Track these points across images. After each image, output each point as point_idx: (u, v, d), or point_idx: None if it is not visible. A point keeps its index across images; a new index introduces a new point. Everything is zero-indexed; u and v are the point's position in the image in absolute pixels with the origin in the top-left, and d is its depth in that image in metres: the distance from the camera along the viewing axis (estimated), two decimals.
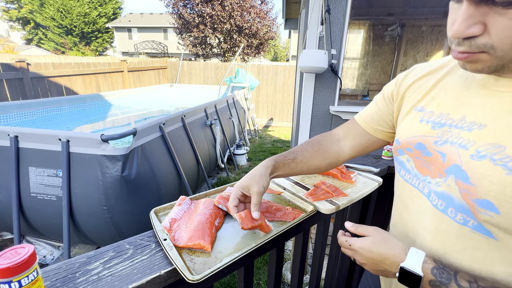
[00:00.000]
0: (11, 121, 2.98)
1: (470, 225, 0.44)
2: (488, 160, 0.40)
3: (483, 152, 0.41)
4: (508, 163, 0.38)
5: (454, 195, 0.45)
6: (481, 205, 0.41)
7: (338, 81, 2.24)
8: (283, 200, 0.80)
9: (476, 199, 0.41)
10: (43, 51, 20.14)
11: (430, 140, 0.49)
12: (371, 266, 0.51)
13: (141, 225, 1.94)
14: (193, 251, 0.55)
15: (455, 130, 0.46)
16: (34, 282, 0.37)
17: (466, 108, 0.46)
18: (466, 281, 0.41)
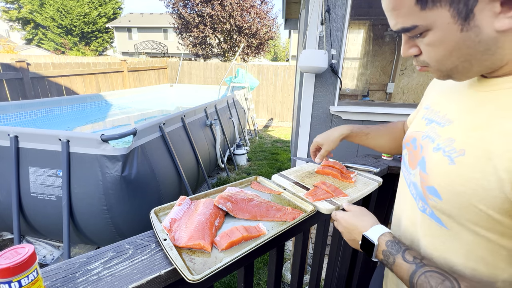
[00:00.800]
0: (11, 121, 2.98)
1: (428, 212, 0.49)
2: (441, 152, 0.45)
3: (440, 145, 0.46)
4: (452, 154, 0.42)
5: (418, 183, 0.51)
6: (429, 191, 0.46)
7: (338, 81, 2.24)
8: (283, 200, 0.80)
9: (426, 186, 0.47)
10: (43, 51, 20.14)
11: (420, 135, 0.54)
12: (346, 235, 0.61)
13: (141, 225, 1.94)
14: (193, 251, 0.55)
15: (436, 125, 0.50)
16: (34, 282, 0.37)
17: (450, 106, 0.50)
18: (412, 256, 0.46)
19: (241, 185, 0.89)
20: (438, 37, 0.39)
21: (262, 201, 0.75)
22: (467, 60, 0.39)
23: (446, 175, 0.43)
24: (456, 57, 0.39)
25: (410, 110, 2.38)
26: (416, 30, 0.40)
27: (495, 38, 0.36)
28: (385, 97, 3.66)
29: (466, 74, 0.42)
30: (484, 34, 0.36)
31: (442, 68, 0.42)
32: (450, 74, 0.43)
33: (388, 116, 2.28)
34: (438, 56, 0.41)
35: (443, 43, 0.39)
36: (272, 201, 0.77)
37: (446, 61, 0.41)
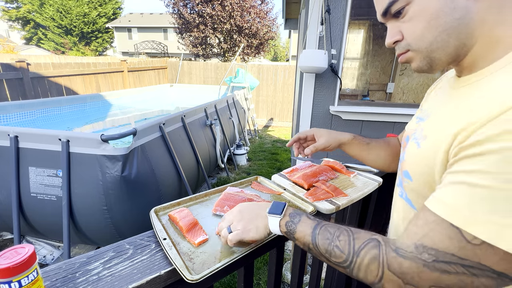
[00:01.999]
0: (11, 121, 2.98)
1: (404, 197, 0.54)
2: (415, 140, 0.51)
3: (416, 135, 0.51)
4: (420, 140, 0.48)
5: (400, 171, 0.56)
6: (404, 175, 0.52)
7: (338, 81, 2.24)
8: (283, 200, 0.80)
9: (403, 171, 0.53)
10: (43, 51, 20.14)
11: (411, 132, 0.57)
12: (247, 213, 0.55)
13: (141, 225, 1.94)
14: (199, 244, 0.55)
15: (421, 122, 0.54)
16: (34, 282, 0.37)
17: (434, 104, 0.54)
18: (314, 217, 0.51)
19: (242, 185, 0.89)
20: (418, 7, 0.42)
21: (262, 201, 0.75)
22: (445, 30, 0.41)
23: (414, 157, 0.49)
24: (435, 27, 0.42)
25: (410, 110, 2.38)
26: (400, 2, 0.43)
27: (467, 7, 0.39)
28: (385, 97, 3.66)
29: (444, 52, 0.43)
30: (457, 1, 0.39)
31: (422, 46, 0.44)
32: (430, 54, 0.44)
33: (388, 116, 2.28)
34: (419, 29, 0.43)
35: (423, 12, 0.42)
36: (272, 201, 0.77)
37: (427, 34, 0.43)
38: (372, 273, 0.39)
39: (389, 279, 0.38)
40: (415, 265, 0.36)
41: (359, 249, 0.41)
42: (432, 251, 0.35)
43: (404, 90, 3.41)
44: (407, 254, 0.37)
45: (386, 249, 0.39)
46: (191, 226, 0.61)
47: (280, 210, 0.53)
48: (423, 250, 0.36)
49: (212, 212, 0.70)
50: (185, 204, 0.73)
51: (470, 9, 0.39)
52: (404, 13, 0.44)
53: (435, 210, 0.37)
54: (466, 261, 0.33)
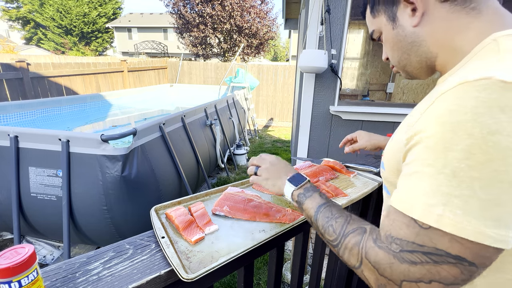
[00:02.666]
0: (11, 121, 2.98)
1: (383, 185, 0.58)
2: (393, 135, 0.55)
3: None
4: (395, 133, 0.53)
5: None
6: (382, 166, 0.57)
7: (338, 81, 2.24)
8: (283, 201, 0.80)
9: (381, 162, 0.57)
10: (43, 51, 20.14)
11: None
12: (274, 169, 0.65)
13: (141, 225, 1.94)
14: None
15: None
16: (34, 282, 0.37)
17: None
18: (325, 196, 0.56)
19: (243, 185, 0.89)
20: (385, 37, 0.54)
21: (262, 202, 0.75)
22: (405, 52, 0.51)
23: (387, 148, 0.54)
24: (397, 50, 0.53)
25: (410, 110, 2.39)
26: (375, 33, 0.56)
27: (415, 32, 0.48)
28: (385, 97, 3.66)
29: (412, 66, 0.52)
30: (407, 30, 0.49)
31: (395, 63, 0.55)
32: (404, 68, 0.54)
33: (388, 116, 2.28)
34: (389, 51, 0.55)
35: (388, 40, 0.54)
36: (273, 202, 0.77)
37: (394, 54, 0.54)
38: (353, 257, 0.43)
39: (367, 267, 0.40)
40: (387, 256, 0.37)
41: (348, 232, 0.45)
42: (397, 241, 0.37)
43: (404, 90, 3.41)
44: (382, 245, 0.39)
45: (367, 237, 0.42)
46: (187, 224, 0.61)
47: (298, 183, 0.59)
48: (391, 241, 0.38)
49: (212, 211, 0.70)
50: (186, 203, 0.73)
51: (418, 33, 0.48)
52: (381, 40, 0.56)
53: (392, 203, 0.40)
54: (425, 247, 0.35)
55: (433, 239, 0.34)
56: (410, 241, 0.36)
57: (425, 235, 0.35)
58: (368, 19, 0.57)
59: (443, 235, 0.33)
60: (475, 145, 0.31)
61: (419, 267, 0.35)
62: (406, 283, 0.36)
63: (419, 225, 0.35)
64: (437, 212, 0.33)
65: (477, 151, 0.31)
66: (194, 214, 0.65)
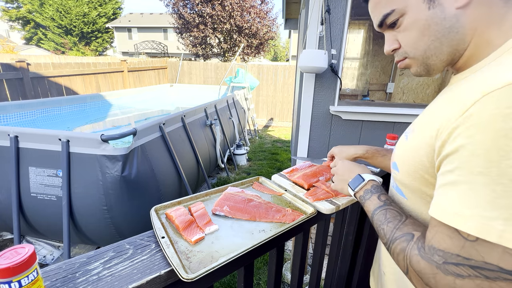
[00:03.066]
0: (11, 121, 2.98)
1: (394, 186, 0.57)
2: (405, 134, 0.53)
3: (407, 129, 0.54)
4: (408, 133, 0.51)
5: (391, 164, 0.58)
6: (393, 166, 0.54)
7: (338, 81, 2.24)
8: (284, 201, 0.80)
9: (392, 162, 0.55)
10: (43, 51, 20.14)
11: None
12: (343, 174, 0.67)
13: (141, 225, 1.94)
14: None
15: None
16: (34, 282, 0.37)
17: None
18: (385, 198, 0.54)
19: (243, 185, 0.89)
20: (411, 19, 0.45)
21: (262, 202, 0.75)
22: (437, 39, 0.44)
23: (401, 149, 0.51)
24: (427, 36, 0.44)
25: (410, 110, 2.37)
26: (395, 14, 0.46)
27: (456, 16, 0.41)
28: (385, 97, 3.66)
29: (439, 58, 0.45)
30: (447, 11, 0.41)
31: (417, 53, 0.47)
32: (426, 61, 0.47)
33: (388, 116, 2.28)
34: (413, 38, 0.46)
35: (416, 23, 0.44)
36: (273, 202, 0.77)
37: (420, 42, 0.45)
38: (400, 263, 0.42)
39: (413, 274, 0.40)
40: (429, 266, 0.36)
41: (395, 238, 0.44)
42: (440, 252, 0.36)
43: (404, 90, 3.41)
44: (424, 254, 0.38)
45: (413, 245, 0.40)
46: (187, 224, 0.61)
47: (355, 186, 0.61)
48: (433, 252, 0.36)
49: (212, 211, 0.70)
50: (186, 203, 0.73)
51: (459, 18, 0.41)
52: (399, 24, 0.47)
53: (433, 214, 0.38)
54: (472, 261, 0.32)
55: (482, 252, 0.32)
56: (455, 253, 0.34)
57: (471, 248, 0.32)
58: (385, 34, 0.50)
59: (493, 248, 0.31)
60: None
61: (467, 281, 0.33)
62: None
63: (463, 237, 0.33)
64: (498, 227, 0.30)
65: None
66: (194, 214, 0.65)
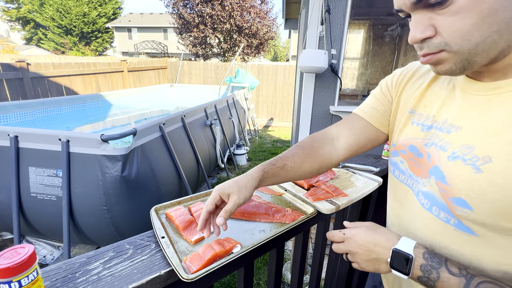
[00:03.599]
0: (11, 121, 2.98)
1: (452, 223, 0.45)
2: (460, 160, 0.42)
3: (456, 153, 0.43)
4: (476, 162, 0.40)
5: (436, 194, 0.47)
6: (456, 203, 0.43)
7: (338, 81, 2.24)
8: (283, 201, 0.80)
9: (452, 197, 0.43)
10: (43, 51, 20.14)
11: (420, 142, 0.51)
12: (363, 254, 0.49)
13: (141, 225, 1.94)
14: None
15: (439, 132, 0.48)
16: (34, 282, 0.37)
17: (448, 110, 0.48)
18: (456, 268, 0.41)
19: None
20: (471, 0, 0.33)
21: (262, 202, 0.75)
22: (499, 30, 0.34)
23: (474, 184, 0.40)
24: (488, 24, 0.34)
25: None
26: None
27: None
28: None
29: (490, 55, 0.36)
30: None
31: (465, 47, 0.36)
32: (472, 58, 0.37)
33: None
34: (466, 26, 0.34)
35: (476, 5, 0.33)
36: (273, 202, 0.77)
37: (474, 33, 0.35)
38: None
39: None
40: None
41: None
42: None
43: None
44: None
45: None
46: (187, 224, 0.61)
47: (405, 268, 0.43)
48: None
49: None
50: (186, 203, 0.73)
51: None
52: (449, 3, 0.35)
53: None
54: None
55: None
56: None
57: None
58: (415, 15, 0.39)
59: None
60: None
61: None
62: None
63: None
64: None
65: None
66: (194, 214, 0.65)
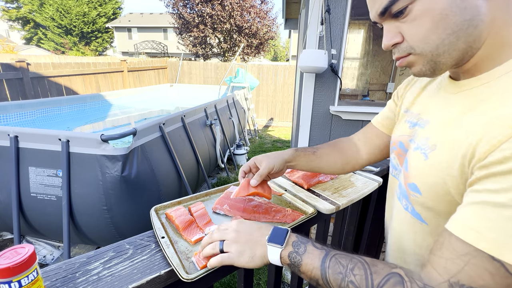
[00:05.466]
0: (11, 121, 2.98)
1: (410, 210, 0.50)
2: (419, 150, 0.47)
3: (419, 144, 0.48)
4: (426, 150, 0.45)
5: (402, 182, 0.52)
6: (411, 188, 0.48)
7: (338, 81, 2.24)
8: (283, 201, 0.80)
9: (408, 183, 0.49)
10: (43, 51, 20.14)
11: (406, 138, 0.55)
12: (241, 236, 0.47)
13: (141, 225, 1.94)
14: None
15: (419, 128, 0.51)
16: (34, 282, 0.37)
17: (426, 108, 0.52)
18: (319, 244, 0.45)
19: None
20: (424, 6, 0.37)
21: (262, 201, 0.75)
22: (454, 32, 0.37)
23: (422, 170, 0.45)
24: (443, 28, 0.37)
25: None
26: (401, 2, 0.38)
27: (478, 6, 0.36)
28: (385, 97, 3.66)
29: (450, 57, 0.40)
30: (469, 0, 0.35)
31: (427, 49, 0.40)
32: (436, 59, 0.40)
33: None
34: (424, 31, 0.39)
35: (429, 12, 0.37)
36: (273, 202, 0.77)
37: (433, 36, 0.38)
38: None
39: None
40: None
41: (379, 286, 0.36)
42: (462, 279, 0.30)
43: None
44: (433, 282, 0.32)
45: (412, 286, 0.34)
46: (187, 224, 0.61)
47: (282, 239, 0.45)
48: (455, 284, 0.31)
49: (212, 210, 0.70)
50: (186, 203, 0.73)
51: (480, 9, 0.36)
52: (407, 13, 0.39)
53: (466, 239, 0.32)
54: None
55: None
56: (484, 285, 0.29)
57: None
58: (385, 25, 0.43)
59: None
60: None
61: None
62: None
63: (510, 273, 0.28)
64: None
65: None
66: (194, 214, 0.65)
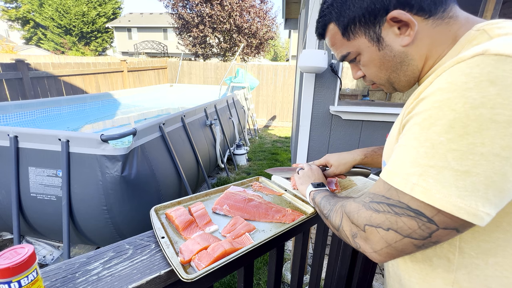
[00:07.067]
0: (11, 121, 2.98)
1: None
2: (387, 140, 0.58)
3: None
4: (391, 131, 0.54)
5: None
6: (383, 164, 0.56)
7: (338, 81, 2.24)
8: (284, 201, 0.80)
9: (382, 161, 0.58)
10: (42, 51, 20.14)
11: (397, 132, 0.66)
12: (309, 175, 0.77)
13: (141, 225, 1.94)
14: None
15: None
16: (34, 282, 0.37)
17: None
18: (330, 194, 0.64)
19: (243, 185, 0.89)
20: (367, 58, 0.51)
21: (262, 201, 0.75)
22: (394, 71, 0.50)
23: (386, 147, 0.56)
24: (385, 70, 0.51)
25: None
26: (351, 55, 0.53)
27: (404, 52, 0.47)
28: (385, 97, 3.66)
29: (401, 83, 0.52)
30: (395, 50, 0.48)
31: (381, 81, 0.54)
32: (392, 85, 0.54)
33: (388, 116, 2.28)
34: (373, 72, 0.53)
35: (372, 61, 0.51)
36: (273, 202, 0.77)
37: (380, 75, 0.52)
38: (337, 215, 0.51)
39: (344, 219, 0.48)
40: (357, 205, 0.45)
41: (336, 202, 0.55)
42: (371, 195, 0.43)
43: None
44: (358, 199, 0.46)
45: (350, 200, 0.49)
46: (187, 224, 0.61)
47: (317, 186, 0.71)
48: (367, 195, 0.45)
49: (212, 210, 0.70)
50: (186, 203, 0.73)
51: (407, 52, 0.47)
52: (357, 61, 0.54)
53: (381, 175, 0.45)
54: (391, 200, 0.39)
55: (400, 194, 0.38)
56: (381, 194, 0.41)
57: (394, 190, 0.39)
58: (337, 42, 0.53)
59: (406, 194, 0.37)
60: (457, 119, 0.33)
61: (381, 215, 0.40)
62: (368, 227, 0.41)
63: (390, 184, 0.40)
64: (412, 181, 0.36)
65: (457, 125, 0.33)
66: (194, 214, 0.65)
